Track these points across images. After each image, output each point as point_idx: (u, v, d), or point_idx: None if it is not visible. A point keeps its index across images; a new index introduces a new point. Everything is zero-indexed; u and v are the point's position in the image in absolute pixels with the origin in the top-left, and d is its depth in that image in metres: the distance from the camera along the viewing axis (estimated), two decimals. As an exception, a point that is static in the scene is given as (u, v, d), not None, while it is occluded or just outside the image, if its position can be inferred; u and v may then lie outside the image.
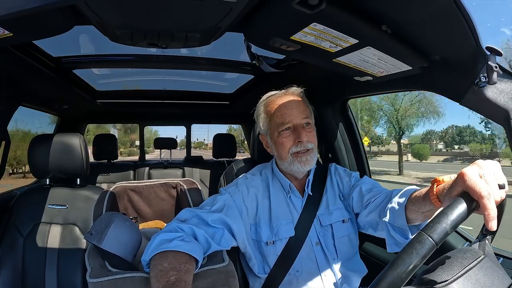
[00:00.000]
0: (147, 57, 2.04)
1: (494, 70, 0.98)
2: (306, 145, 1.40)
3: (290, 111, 1.42)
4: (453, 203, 0.69)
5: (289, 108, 1.43)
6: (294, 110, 1.42)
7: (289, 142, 1.41)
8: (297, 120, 1.41)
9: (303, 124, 1.42)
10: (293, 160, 1.42)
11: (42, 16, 0.96)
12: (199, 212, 1.30)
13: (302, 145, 1.40)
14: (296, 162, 1.42)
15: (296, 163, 1.42)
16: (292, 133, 1.41)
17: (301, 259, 1.40)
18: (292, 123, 1.41)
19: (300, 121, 1.41)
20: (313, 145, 1.43)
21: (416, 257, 0.63)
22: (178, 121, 4.46)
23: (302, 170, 1.44)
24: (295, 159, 1.42)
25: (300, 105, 1.45)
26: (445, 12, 0.87)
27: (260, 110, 1.54)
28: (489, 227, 0.67)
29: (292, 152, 1.41)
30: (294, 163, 1.42)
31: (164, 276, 0.98)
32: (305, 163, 1.41)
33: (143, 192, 1.83)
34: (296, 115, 1.42)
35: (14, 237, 1.74)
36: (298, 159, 1.41)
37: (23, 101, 2.25)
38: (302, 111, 1.43)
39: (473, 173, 0.74)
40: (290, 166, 1.44)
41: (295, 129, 1.41)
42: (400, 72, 1.30)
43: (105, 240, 1.20)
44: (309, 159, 1.42)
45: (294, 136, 1.41)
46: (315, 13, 0.90)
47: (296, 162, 1.42)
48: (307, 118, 1.43)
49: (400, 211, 1.15)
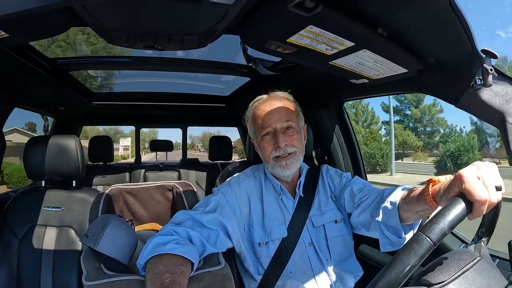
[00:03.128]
0: (144, 59, 2.04)
1: (489, 72, 0.99)
2: (286, 149, 1.42)
3: (270, 116, 1.44)
4: (450, 204, 0.69)
5: (270, 113, 1.45)
6: (275, 114, 1.44)
7: (270, 147, 1.44)
8: (277, 124, 1.43)
9: (284, 128, 1.43)
10: (274, 164, 1.45)
11: (38, 17, 0.96)
12: (193, 214, 1.31)
13: (281, 150, 1.41)
14: (276, 166, 1.44)
15: (276, 167, 1.44)
16: (273, 138, 1.43)
17: (295, 260, 1.41)
18: (272, 127, 1.43)
19: (280, 125, 1.43)
20: (295, 148, 1.44)
21: (414, 257, 0.63)
22: (174, 123, 4.45)
23: (283, 174, 1.46)
24: (276, 163, 1.44)
25: (281, 109, 1.46)
26: (441, 15, 0.88)
27: (249, 114, 1.55)
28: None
29: (273, 157, 1.44)
30: (275, 167, 1.45)
31: (158, 279, 0.98)
32: (285, 168, 1.43)
33: (139, 194, 1.82)
34: (276, 119, 1.43)
35: (9, 240, 1.73)
36: (278, 163, 1.43)
37: (19, 102, 2.24)
38: (283, 115, 1.44)
39: (471, 175, 0.74)
40: (273, 169, 1.47)
41: (275, 134, 1.43)
42: (396, 75, 1.30)
43: (101, 242, 1.19)
44: (289, 163, 1.43)
45: (273, 140, 1.43)
46: (311, 16, 0.90)
47: (276, 166, 1.44)
48: (288, 121, 1.44)
49: (393, 211, 1.16)
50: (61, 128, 3.43)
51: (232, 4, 0.89)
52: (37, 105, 2.77)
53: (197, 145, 79.93)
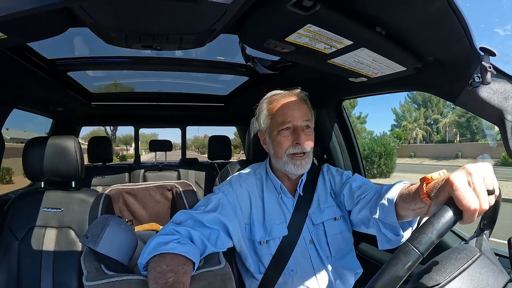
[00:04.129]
0: (142, 59, 2.04)
1: (488, 70, 0.98)
2: (304, 148, 1.40)
3: (292, 112, 1.42)
4: (438, 212, 0.67)
5: (292, 109, 1.43)
6: (296, 111, 1.43)
7: (287, 142, 1.41)
8: (298, 121, 1.41)
9: (303, 126, 1.42)
10: (288, 161, 1.42)
11: (36, 18, 0.95)
12: (194, 214, 1.30)
13: (299, 147, 1.40)
14: (290, 163, 1.42)
15: (290, 165, 1.42)
16: (291, 134, 1.42)
17: (296, 258, 1.41)
18: (293, 123, 1.41)
19: (301, 123, 1.42)
20: (309, 149, 1.43)
21: (401, 268, 0.62)
22: (173, 123, 4.45)
23: (295, 172, 1.45)
24: (290, 161, 1.42)
25: (303, 108, 1.45)
26: (439, 13, 0.88)
27: (263, 107, 1.53)
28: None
29: (288, 153, 1.41)
30: (288, 164, 1.42)
31: (162, 278, 0.98)
32: (299, 167, 1.42)
33: (139, 194, 1.82)
34: (297, 117, 1.42)
35: (9, 241, 1.73)
36: (293, 161, 1.41)
37: (18, 103, 2.24)
38: (304, 114, 1.44)
39: (462, 181, 0.70)
40: (284, 166, 1.44)
41: (294, 130, 1.41)
42: (395, 73, 1.30)
43: (101, 243, 1.19)
44: (303, 163, 1.42)
45: (293, 137, 1.41)
46: (310, 15, 0.90)
47: (290, 163, 1.42)
48: (308, 121, 1.44)
49: (390, 208, 1.16)
50: (59, 129, 3.42)
51: (230, 4, 0.88)
52: (36, 106, 2.77)
53: (192, 147, 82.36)
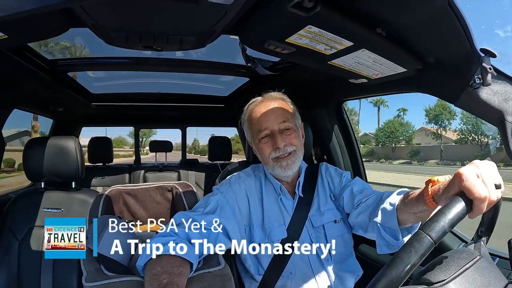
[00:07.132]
0: (142, 60, 2.04)
1: (488, 71, 0.99)
2: (286, 149, 1.41)
3: (267, 118, 1.44)
4: (450, 202, 0.69)
5: (266, 114, 1.44)
6: (271, 115, 1.44)
7: (268, 149, 1.43)
8: (274, 125, 1.42)
9: (281, 129, 1.43)
10: (274, 165, 1.44)
11: (37, 18, 0.96)
12: (192, 215, 1.30)
13: (280, 150, 1.41)
14: (277, 167, 1.43)
15: (277, 168, 1.43)
16: (271, 139, 1.43)
17: (295, 261, 1.40)
18: (269, 129, 1.43)
19: (277, 127, 1.42)
20: (294, 147, 1.43)
21: (414, 255, 0.63)
22: (173, 124, 4.45)
23: (284, 174, 1.45)
24: (276, 164, 1.43)
25: (277, 110, 1.45)
26: (440, 14, 0.88)
27: (244, 119, 1.55)
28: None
29: (272, 158, 1.43)
30: (275, 168, 1.44)
31: (156, 280, 0.98)
32: (285, 168, 1.42)
33: (139, 195, 1.82)
34: (272, 121, 1.43)
35: (9, 241, 1.73)
36: (278, 164, 1.43)
37: (18, 104, 2.24)
38: (279, 116, 1.44)
39: (471, 173, 0.75)
40: (273, 171, 1.46)
41: (272, 135, 1.42)
42: (395, 74, 1.30)
43: (101, 244, 1.19)
44: (290, 163, 1.43)
45: (272, 142, 1.42)
46: (310, 16, 0.90)
47: (277, 167, 1.43)
48: (285, 122, 1.44)
49: (392, 212, 1.16)
50: (60, 130, 3.42)
51: (230, 4, 0.89)
52: (36, 107, 2.76)
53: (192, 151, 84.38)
